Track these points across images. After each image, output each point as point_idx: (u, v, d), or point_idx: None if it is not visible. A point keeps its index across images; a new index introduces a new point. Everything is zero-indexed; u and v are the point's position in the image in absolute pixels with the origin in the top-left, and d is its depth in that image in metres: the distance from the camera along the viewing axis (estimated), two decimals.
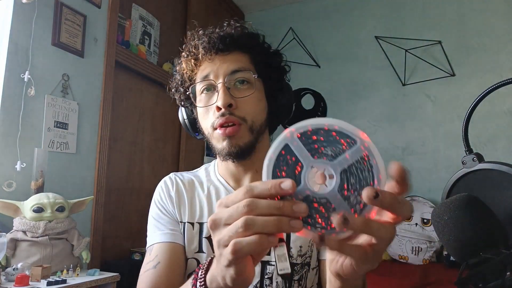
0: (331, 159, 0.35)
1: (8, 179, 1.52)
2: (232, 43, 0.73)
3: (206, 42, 0.73)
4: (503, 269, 0.46)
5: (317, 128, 0.36)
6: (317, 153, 0.36)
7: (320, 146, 0.36)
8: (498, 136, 2.47)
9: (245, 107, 0.71)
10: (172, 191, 0.82)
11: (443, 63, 2.69)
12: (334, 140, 0.35)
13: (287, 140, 0.37)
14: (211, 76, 0.72)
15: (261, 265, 0.71)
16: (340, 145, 0.35)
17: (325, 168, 0.35)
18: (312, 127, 0.36)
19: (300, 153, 0.36)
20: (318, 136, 0.36)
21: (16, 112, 1.57)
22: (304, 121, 0.37)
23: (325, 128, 0.36)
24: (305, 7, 3.26)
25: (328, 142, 0.36)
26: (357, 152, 0.35)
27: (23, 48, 1.60)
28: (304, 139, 0.36)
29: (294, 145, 0.36)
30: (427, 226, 2.34)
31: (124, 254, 2.12)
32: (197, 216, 0.78)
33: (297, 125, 0.37)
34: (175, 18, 2.70)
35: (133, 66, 2.23)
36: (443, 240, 0.50)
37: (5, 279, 1.25)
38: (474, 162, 0.58)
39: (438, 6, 2.76)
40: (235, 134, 0.70)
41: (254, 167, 0.77)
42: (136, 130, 2.32)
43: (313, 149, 0.36)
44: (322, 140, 0.36)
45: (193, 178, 0.84)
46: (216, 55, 0.73)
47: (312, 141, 0.36)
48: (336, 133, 0.36)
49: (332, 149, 0.35)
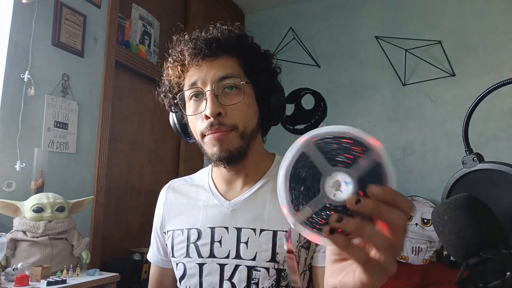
0: (347, 166, 0.35)
1: (8, 179, 1.52)
2: (219, 47, 0.71)
3: (192, 48, 0.71)
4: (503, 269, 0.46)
5: (331, 135, 0.36)
6: (333, 161, 0.36)
7: (335, 153, 0.36)
8: (498, 136, 2.47)
9: (235, 114, 0.70)
10: (162, 206, 0.86)
11: (443, 63, 2.69)
12: (349, 147, 0.35)
13: (304, 148, 0.36)
14: (198, 83, 0.71)
15: (247, 270, 0.71)
16: (355, 152, 0.35)
17: (341, 175, 0.35)
18: (327, 135, 0.36)
19: (318, 161, 0.36)
20: (332, 144, 0.36)
21: (16, 112, 1.57)
22: (317, 129, 0.37)
23: (339, 136, 0.36)
24: (305, 7, 3.26)
25: (342, 149, 0.35)
26: (372, 159, 0.35)
27: (23, 48, 1.60)
28: (320, 146, 0.36)
29: (311, 153, 0.36)
30: (427, 226, 2.34)
31: (124, 254, 2.12)
32: (186, 222, 0.79)
33: (312, 133, 0.36)
34: (175, 18, 2.70)
35: (133, 66, 2.23)
36: (443, 240, 0.50)
37: (5, 279, 1.24)
38: (474, 162, 0.58)
39: (438, 6, 2.75)
40: (225, 138, 0.69)
41: (245, 171, 0.77)
42: (136, 130, 2.32)
43: (329, 157, 0.36)
44: (336, 147, 0.36)
45: (186, 183, 0.86)
46: (203, 60, 0.71)
47: (328, 149, 0.36)
48: (350, 140, 0.35)
49: (347, 156, 0.35)
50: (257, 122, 0.75)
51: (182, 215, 0.81)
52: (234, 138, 0.70)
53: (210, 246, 0.74)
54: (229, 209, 0.76)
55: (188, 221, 0.79)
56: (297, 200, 0.36)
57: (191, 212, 0.80)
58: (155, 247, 0.88)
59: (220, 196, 0.79)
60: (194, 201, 0.81)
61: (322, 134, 0.36)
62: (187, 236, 0.78)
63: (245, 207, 0.75)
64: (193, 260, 0.75)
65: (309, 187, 0.35)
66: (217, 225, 0.75)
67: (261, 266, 0.70)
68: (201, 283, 0.74)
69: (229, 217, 0.75)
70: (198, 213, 0.78)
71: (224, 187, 0.80)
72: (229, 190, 0.79)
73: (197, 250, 0.75)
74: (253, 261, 0.71)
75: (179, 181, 0.88)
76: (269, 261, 0.70)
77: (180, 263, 0.78)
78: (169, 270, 0.86)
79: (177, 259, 0.78)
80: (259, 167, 0.78)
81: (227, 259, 0.73)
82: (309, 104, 3.13)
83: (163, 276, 0.88)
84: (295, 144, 0.37)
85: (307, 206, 0.35)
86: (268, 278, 0.70)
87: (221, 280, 0.72)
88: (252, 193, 0.76)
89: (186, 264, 0.76)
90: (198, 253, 0.75)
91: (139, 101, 2.34)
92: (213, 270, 0.73)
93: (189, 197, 0.83)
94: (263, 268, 0.70)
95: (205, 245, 0.75)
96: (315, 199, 0.35)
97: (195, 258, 0.75)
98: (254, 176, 0.78)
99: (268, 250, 0.71)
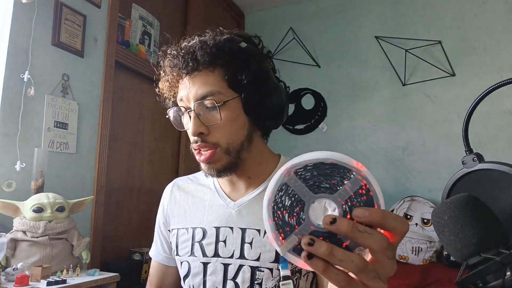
0: (331, 193, 0.35)
1: (8, 179, 1.52)
2: (197, 63, 0.69)
3: (173, 65, 0.71)
4: (503, 269, 0.45)
5: (312, 163, 0.36)
6: (316, 188, 0.36)
7: (317, 180, 0.36)
8: (498, 136, 2.47)
9: (217, 133, 0.69)
10: (167, 203, 0.86)
11: (443, 63, 2.69)
12: (331, 173, 0.36)
13: (285, 179, 0.36)
14: (184, 100, 0.71)
15: (251, 270, 0.71)
16: (338, 177, 0.35)
17: (326, 201, 0.35)
18: (308, 162, 0.36)
19: (300, 190, 0.36)
20: (314, 171, 0.36)
21: (16, 112, 1.57)
22: (298, 157, 0.37)
23: (320, 163, 0.36)
24: (305, 7, 3.26)
25: (324, 175, 0.36)
26: (356, 183, 0.35)
27: (23, 48, 1.60)
28: (301, 175, 0.36)
29: (292, 183, 0.36)
30: (427, 226, 2.34)
31: (124, 254, 2.12)
32: (191, 221, 0.80)
33: (292, 162, 0.37)
34: (175, 18, 2.70)
35: (133, 66, 2.23)
36: (443, 240, 0.50)
37: (5, 279, 1.24)
38: (474, 162, 0.58)
39: (438, 6, 2.75)
40: (211, 159, 0.70)
41: (247, 174, 0.77)
42: (136, 130, 2.32)
43: (311, 185, 0.36)
44: (318, 174, 0.36)
45: (191, 182, 0.86)
46: (186, 75, 0.70)
47: (309, 177, 0.36)
48: (332, 166, 0.36)
49: (330, 182, 0.35)
50: (246, 133, 0.73)
51: (187, 213, 0.81)
52: (220, 156, 0.70)
53: (214, 246, 0.75)
54: (234, 210, 0.76)
55: (193, 220, 0.79)
56: (283, 229, 0.36)
57: (196, 211, 0.80)
58: (158, 245, 0.88)
59: (226, 196, 0.79)
60: (199, 200, 0.81)
61: (302, 162, 0.36)
62: (192, 234, 0.78)
63: (250, 208, 0.76)
64: (197, 259, 0.76)
65: (293, 216, 0.36)
66: (222, 225, 0.76)
67: (265, 267, 0.71)
68: (204, 282, 0.74)
69: (234, 217, 0.76)
70: (203, 213, 0.79)
71: (228, 188, 0.80)
72: (234, 191, 0.79)
73: (201, 249, 0.76)
74: (257, 261, 0.71)
75: (184, 180, 0.88)
76: (272, 262, 0.71)
77: (185, 262, 0.78)
78: (171, 268, 0.86)
79: (182, 257, 0.79)
80: (262, 169, 0.78)
81: (231, 259, 0.73)
82: (309, 104, 3.13)
83: (165, 275, 0.87)
84: (276, 174, 0.37)
85: (293, 234, 0.35)
86: (271, 279, 0.70)
87: (224, 279, 0.73)
88: (257, 194, 0.76)
89: (191, 263, 0.77)
90: (202, 252, 0.76)
91: (139, 101, 2.34)
92: (217, 270, 0.74)
93: (194, 196, 0.83)
94: (266, 268, 0.71)
95: (210, 244, 0.75)
96: (300, 227, 0.35)
97: (199, 257, 0.76)
98: (257, 178, 0.78)
99: (272, 251, 0.71)
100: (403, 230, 0.34)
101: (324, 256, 0.33)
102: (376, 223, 0.33)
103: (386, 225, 0.33)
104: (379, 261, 0.34)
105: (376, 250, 0.33)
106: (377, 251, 0.33)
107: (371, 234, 0.33)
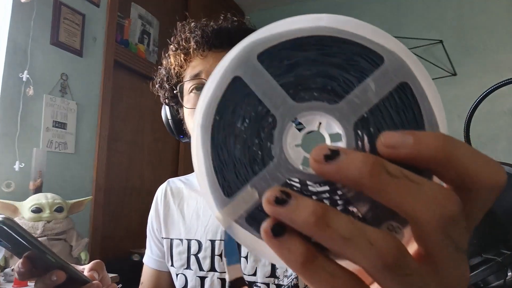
0: (334, 101, 0.18)
1: (6, 179, 1.51)
2: (228, 39, 0.66)
3: (199, 36, 0.66)
4: (504, 269, 0.45)
5: (297, 37, 0.19)
6: (301, 91, 0.18)
7: (304, 74, 0.18)
8: (498, 136, 2.47)
9: None
10: (161, 205, 0.81)
11: (444, 62, 2.68)
12: (333, 59, 0.19)
13: (237, 71, 0.19)
14: (202, 75, 0.66)
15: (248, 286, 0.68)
16: (348, 68, 0.18)
17: (320, 120, 0.19)
18: (285, 37, 0.19)
19: (267, 95, 0.18)
20: (298, 55, 0.19)
21: (14, 112, 1.56)
22: (263, 29, 0.19)
23: (312, 36, 0.19)
24: (305, 7, 3.26)
25: (320, 64, 0.19)
26: (387, 81, 0.18)
27: (21, 47, 1.60)
28: (271, 62, 0.18)
29: (252, 80, 0.18)
30: None
31: (123, 255, 2.12)
32: (185, 232, 0.76)
33: (252, 38, 0.19)
34: (174, 17, 2.69)
35: (132, 66, 2.22)
36: None
37: (4, 280, 1.24)
38: None
39: (439, 5, 2.75)
40: None
41: None
42: (136, 130, 2.32)
43: (292, 82, 0.18)
44: (306, 61, 0.18)
45: (184, 186, 0.81)
46: (210, 51, 0.66)
47: (287, 67, 0.18)
48: (336, 43, 0.19)
49: (330, 78, 0.18)
50: None
51: (180, 223, 0.78)
52: None
53: (210, 259, 0.72)
54: None
55: (187, 230, 0.76)
56: (229, 176, 0.18)
57: (190, 221, 0.77)
58: (153, 249, 0.84)
59: None
60: (193, 209, 0.78)
61: (274, 36, 0.19)
62: (187, 246, 0.75)
63: None
64: (194, 273, 0.73)
65: (251, 149, 0.18)
66: (217, 238, 0.73)
67: (261, 282, 0.68)
68: None
69: None
70: (197, 223, 0.75)
71: None
72: None
73: (198, 262, 0.73)
74: (254, 276, 0.69)
75: (177, 183, 0.84)
76: (268, 277, 0.68)
77: (181, 275, 0.75)
78: (166, 273, 0.83)
79: (177, 269, 0.76)
80: None
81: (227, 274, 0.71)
82: None
83: (160, 280, 0.83)
84: (222, 61, 0.19)
85: (248, 186, 0.18)
86: None
87: None
88: None
89: (188, 276, 0.74)
90: (199, 265, 0.73)
91: (138, 100, 2.34)
92: (214, 285, 0.71)
93: (188, 204, 0.79)
94: (263, 284, 0.68)
95: (206, 258, 0.73)
96: (263, 171, 0.18)
97: (196, 271, 0.73)
98: None
99: (267, 265, 0.68)
100: (496, 180, 0.17)
101: (309, 227, 0.15)
102: (433, 163, 0.17)
103: (459, 167, 0.17)
104: (437, 251, 0.16)
105: (433, 225, 0.15)
106: (434, 229, 0.15)
107: (421, 185, 0.16)
